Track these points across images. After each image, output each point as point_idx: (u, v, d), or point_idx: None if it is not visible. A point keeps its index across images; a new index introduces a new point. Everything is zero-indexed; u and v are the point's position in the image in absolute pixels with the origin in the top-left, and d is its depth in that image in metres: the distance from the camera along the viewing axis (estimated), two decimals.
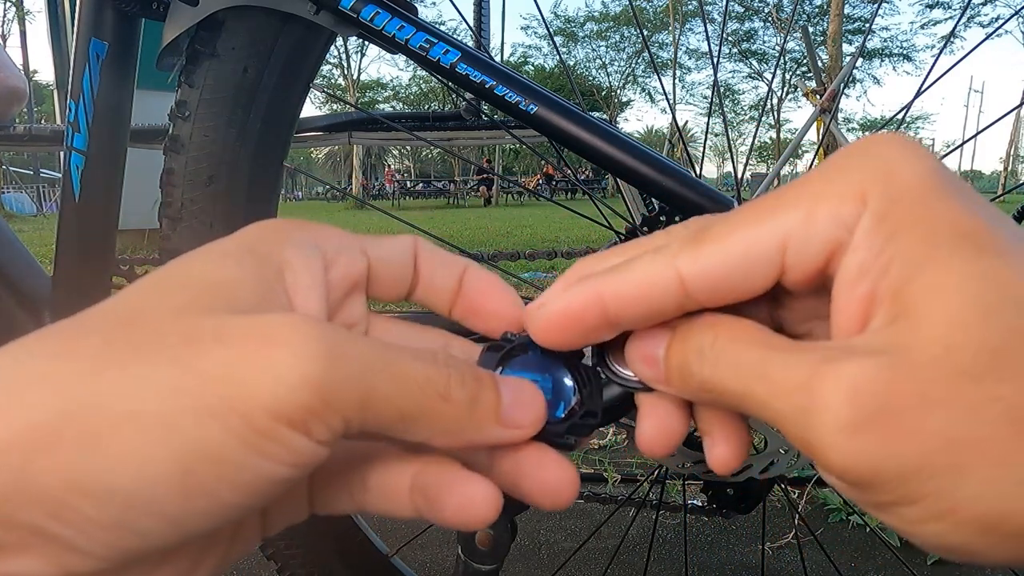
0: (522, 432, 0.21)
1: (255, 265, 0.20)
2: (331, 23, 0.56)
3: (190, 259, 0.20)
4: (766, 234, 0.19)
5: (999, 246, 0.17)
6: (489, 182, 20.42)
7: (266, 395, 0.16)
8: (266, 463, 0.16)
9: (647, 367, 0.22)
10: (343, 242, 0.23)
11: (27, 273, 0.79)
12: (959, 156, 45.13)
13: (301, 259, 0.21)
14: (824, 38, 12.42)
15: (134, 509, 0.16)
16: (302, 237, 0.21)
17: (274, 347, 0.16)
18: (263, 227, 0.22)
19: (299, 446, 0.17)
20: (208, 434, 0.16)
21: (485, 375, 0.20)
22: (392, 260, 0.24)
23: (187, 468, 0.16)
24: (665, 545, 1.20)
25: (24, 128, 1.09)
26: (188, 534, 0.17)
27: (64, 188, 0.69)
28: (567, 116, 0.55)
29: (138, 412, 0.16)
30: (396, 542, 0.86)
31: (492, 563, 0.50)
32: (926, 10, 24.57)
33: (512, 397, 0.20)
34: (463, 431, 0.20)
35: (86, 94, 0.65)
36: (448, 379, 0.19)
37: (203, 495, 0.16)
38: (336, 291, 0.22)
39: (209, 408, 0.16)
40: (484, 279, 0.25)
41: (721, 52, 23.55)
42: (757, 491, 0.70)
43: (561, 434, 0.22)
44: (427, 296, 0.25)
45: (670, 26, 25.72)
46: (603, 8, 28.70)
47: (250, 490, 0.17)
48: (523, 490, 0.21)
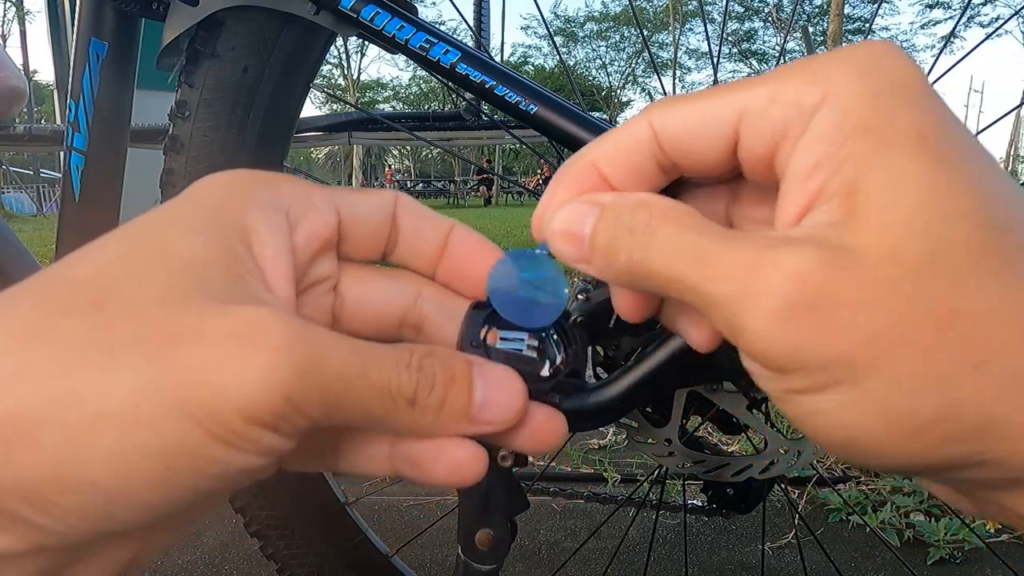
0: (494, 428, 0.20)
1: (222, 239, 0.19)
2: (331, 23, 0.56)
3: (161, 226, 0.19)
4: (727, 101, 0.20)
5: (953, 158, 0.17)
6: (489, 182, 20.42)
7: (239, 399, 0.16)
8: (239, 456, 0.17)
9: (569, 244, 0.21)
10: (310, 199, 0.22)
11: (27, 273, 0.78)
12: None
13: (264, 224, 0.20)
14: (824, 38, 12.42)
15: (108, 500, 0.16)
16: (265, 197, 0.21)
17: (248, 352, 0.17)
18: (221, 185, 0.21)
19: (269, 442, 0.17)
20: (186, 433, 0.16)
21: (461, 372, 0.20)
22: (367, 217, 0.23)
23: (166, 464, 0.16)
24: (665, 545, 1.20)
25: (24, 128, 1.09)
26: (159, 518, 0.17)
27: (64, 188, 0.69)
28: (567, 116, 0.55)
29: (119, 411, 0.16)
30: (396, 542, 0.86)
31: (492, 563, 0.50)
32: (926, 10, 24.57)
33: (487, 395, 0.20)
34: (430, 430, 0.20)
35: (86, 94, 0.65)
36: (416, 385, 0.19)
37: (179, 487, 0.17)
38: (303, 253, 0.22)
39: (186, 409, 0.16)
40: (473, 239, 0.24)
41: (721, 52, 23.55)
42: (757, 491, 0.70)
43: (546, 392, 0.22)
44: (408, 257, 0.24)
45: (670, 26, 25.72)
46: (603, 8, 28.71)
47: (224, 479, 0.17)
48: (508, 441, 0.21)
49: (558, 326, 0.23)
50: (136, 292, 0.17)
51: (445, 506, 1.33)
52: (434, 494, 1.36)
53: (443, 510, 1.31)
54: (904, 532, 1.18)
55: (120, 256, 0.18)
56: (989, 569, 1.09)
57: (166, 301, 0.17)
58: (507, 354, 0.22)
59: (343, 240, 0.23)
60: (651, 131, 0.20)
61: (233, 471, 0.17)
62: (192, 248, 0.19)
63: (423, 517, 1.29)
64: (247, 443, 0.17)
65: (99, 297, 0.17)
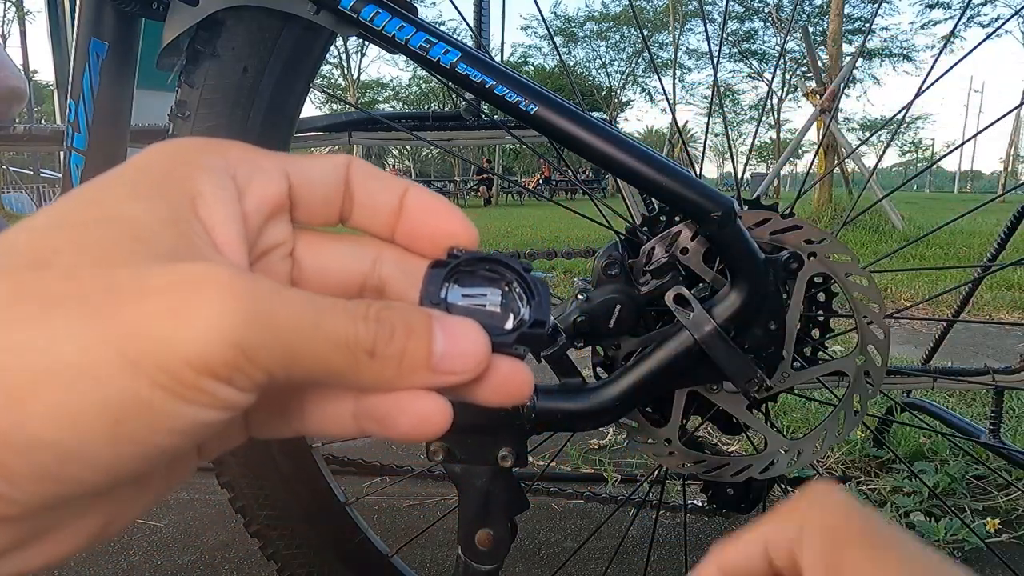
0: (458, 379, 0.20)
1: (168, 201, 0.19)
2: (331, 23, 0.56)
3: (100, 190, 0.19)
4: (757, 536, 0.30)
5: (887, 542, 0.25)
6: (489, 182, 20.41)
7: (188, 350, 0.16)
8: (193, 409, 0.16)
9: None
10: (258, 163, 0.22)
11: None
12: (959, 156, 45.07)
13: (212, 189, 0.20)
14: (824, 38, 12.42)
15: (61, 460, 0.16)
16: (211, 163, 0.20)
17: (195, 302, 0.16)
18: (167, 153, 0.20)
19: (224, 394, 0.17)
20: (134, 385, 0.16)
21: (419, 322, 0.19)
22: (318, 181, 0.23)
23: (115, 418, 0.16)
24: (665, 545, 1.20)
25: (24, 128, 1.09)
26: (120, 478, 0.17)
27: (64, 188, 0.69)
28: (567, 116, 0.55)
29: (62, 365, 0.15)
30: (396, 542, 0.86)
31: (492, 563, 0.50)
32: (926, 10, 24.56)
33: (448, 345, 0.19)
34: (392, 383, 0.19)
35: (86, 94, 0.65)
36: (374, 336, 0.18)
37: (133, 442, 0.16)
38: (253, 218, 0.21)
39: (133, 361, 0.16)
40: (429, 197, 0.24)
41: (721, 52, 23.55)
42: (757, 491, 0.70)
43: (510, 344, 0.22)
44: (364, 220, 0.24)
45: (670, 26, 25.72)
46: (603, 8, 28.73)
47: (179, 434, 0.17)
48: (474, 394, 0.21)
49: (520, 279, 0.23)
50: (75, 255, 0.17)
51: (445, 506, 1.33)
52: (434, 494, 1.36)
53: (443, 510, 1.31)
54: None
55: (58, 223, 0.18)
56: (989, 569, 1.09)
57: (107, 262, 0.17)
58: (469, 310, 0.22)
59: (296, 206, 0.23)
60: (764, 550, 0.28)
61: (188, 425, 0.17)
62: (135, 211, 0.18)
63: (423, 517, 1.29)
64: (200, 395, 0.16)
65: (35, 260, 0.17)
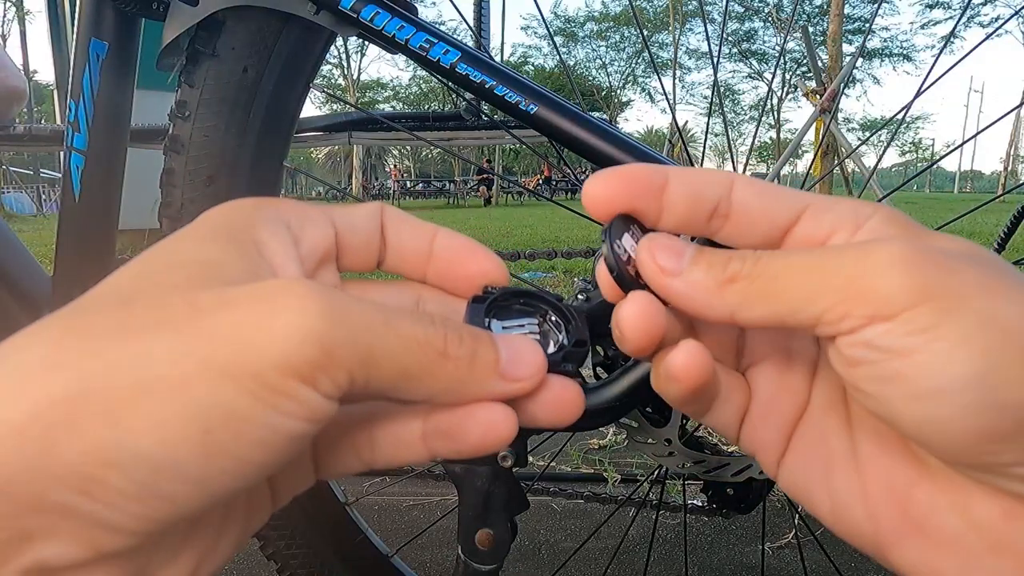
0: (523, 384, 0.21)
1: (236, 245, 0.20)
2: (331, 23, 0.56)
3: (173, 243, 0.20)
4: (800, 196, 0.23)
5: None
6: (489, 182, 20.41)
7: (274, 352, 0.17)
8: (279, 417, 0.17)
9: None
10: (308, 214, 0.23)
11: (27, 273, 0.79)
12: (959, 156, 45.05)
13: (272, 235, 0.21)
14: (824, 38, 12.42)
15: (159, 474, 0.16)
16: (267, 215, 0.22)
17: (278, 308, 0.17)
18: (230, 208, 0.22)
19: (308, 399, 0.17)
20: (223, 393, 0.16)
21: (482, 333, 0.21)
22: (358, 228, 0.24)
23: (206, 427, 0.16)
24: (665, 545, 1.20)
25: (24, 128, 1.09)
26: (213, 496, 0.17)
27: (64, 188, 0.69)
28: (567, 116, 0.55)
29: (153, 379, 0.16)
30: (396, 542, 0.86)
31: (492, 563, 0.49)
32: (926, 10, 24.58)
33: (510, 352, 0.21)
34: (465, 387, 0.20)
35: (86, 94, 0.65)
36: (445, 337, 0.19)
37: (224, 454, 0.17)
38: (308, 263, 0.22)
39: (221, 368, 0.16)
40: (458, 241, 0.25)
41: (721, 52, 23.55)
42: (757, 491, 0.70)
43: (559, 363, 0.22)
44: (398, 263, 0.25)
45: (670, 26, 25.72)
46: (603, 8, 28.71)
47: (267, 446, 0.17)
48: (532, 411, 0.22)
49: (555, 308, 0.25)
50: (160, 290, 0.18)
51: (445, 506, 1.33)
52: (434, 494, 1.36)
53: (443, 510, 1.31)
54: None
55: (141, 271, 0.19)
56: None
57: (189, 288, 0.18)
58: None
59: (340, 252, 0.24)
60: (731, 182, 0.23)
61: (272, 435, 0.17)
62: (210, 254, 0.20)
63: (423, 517, 1.29)
64: (286, 401, 0.17)
65: (124, 297, 0.18)
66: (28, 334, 0.17)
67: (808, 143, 14.14)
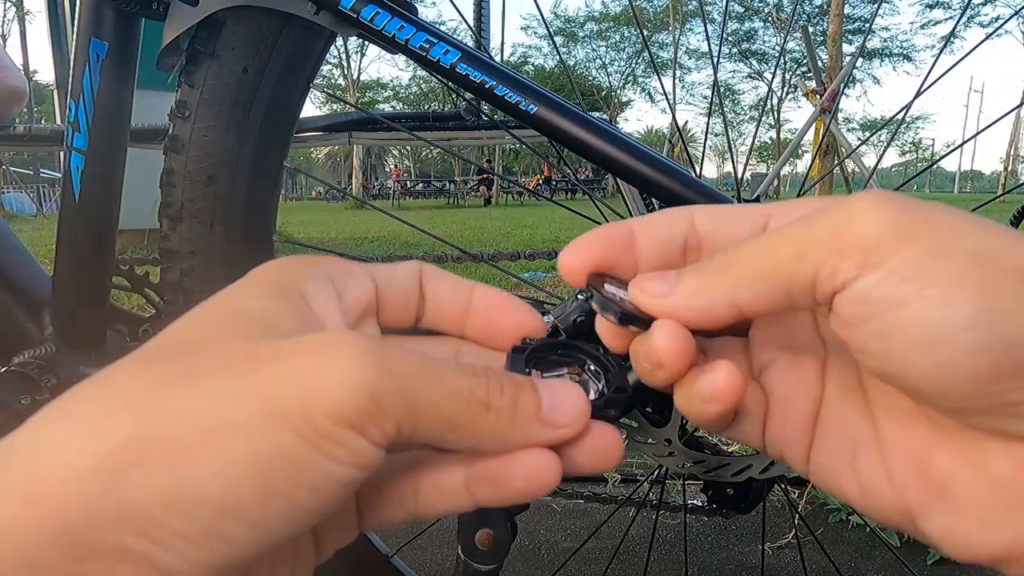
0: (567, 431, 0.21)
1: (286, 297, 0.21)
2: (331, 23, 0.56)
3: (229, 297, 0.22)
4: (757, 211, 0.24)
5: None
6: (489, 182, 20.42)
7: (327, 400, 0.17)
8: (330, 463, 0.18)
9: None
10: (350, 270, 0.24)
11: (27, 273, 0.79)
12: (959, 156, 45.05)
13: (318, 290, 0.22)
14: (824, 38, 12.42)
15: (219, 516, 0.17)
16: (312, 271, 0.23)
17: (330, 358, 0.18)
18: (280, 264, 0.23)
19: (358, 447, 0.18)
20: (280, 438, 0.17)
21: (524, 380, 0.21)
22: (398, 284, 0.25)
23: (264, 471, 0.17)
24: (665, 545, 1.20)
25: (24, 128, 1.09)
26: (268, 539, 0.18)
27: (64, 188, 0.68)
28: (567, 116, 0.55)
29: (215, 422, 0.17)
30: (396, 542, 0.86)
31: (492, 563, 0.50)
32: (926, 10, 24.57)
33: (551, 398, 0.21)
34: (509, 436, 0.20)
35: (86, 94, 0.65)
36: (487, 387, 0.20)
37: (280, 497, 0.17)
38: (351, 315, 0.23)
39: (279, 414, 0.17)
40: (496, 296, 0.26)
41: (721, 52, 23.55)
42: (757, 491, 0.70)
43: (600, 408, 0.23)
44: (436, 319, 0.26)
45: (670, 26, 25.72)
46: (603, 8, 28.71)
47: (318, 491, 0.18)
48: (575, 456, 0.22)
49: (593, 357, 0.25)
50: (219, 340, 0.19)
51: None
52: None
53: None
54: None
55: (200, 320, 0.21)
56: (990, 571, 1.09)
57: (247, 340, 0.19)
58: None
59: (381, 308, 0.25)
60: (690, 216, 0.24)
61: (324, 480, 0.18)
62: (263, 307, 0.21)
63: None
64: (337, 448, 0.18)
65: (184, 347, 0.19)
66: (94, 384, 0.18)
67: (808, 143, 14.16)
